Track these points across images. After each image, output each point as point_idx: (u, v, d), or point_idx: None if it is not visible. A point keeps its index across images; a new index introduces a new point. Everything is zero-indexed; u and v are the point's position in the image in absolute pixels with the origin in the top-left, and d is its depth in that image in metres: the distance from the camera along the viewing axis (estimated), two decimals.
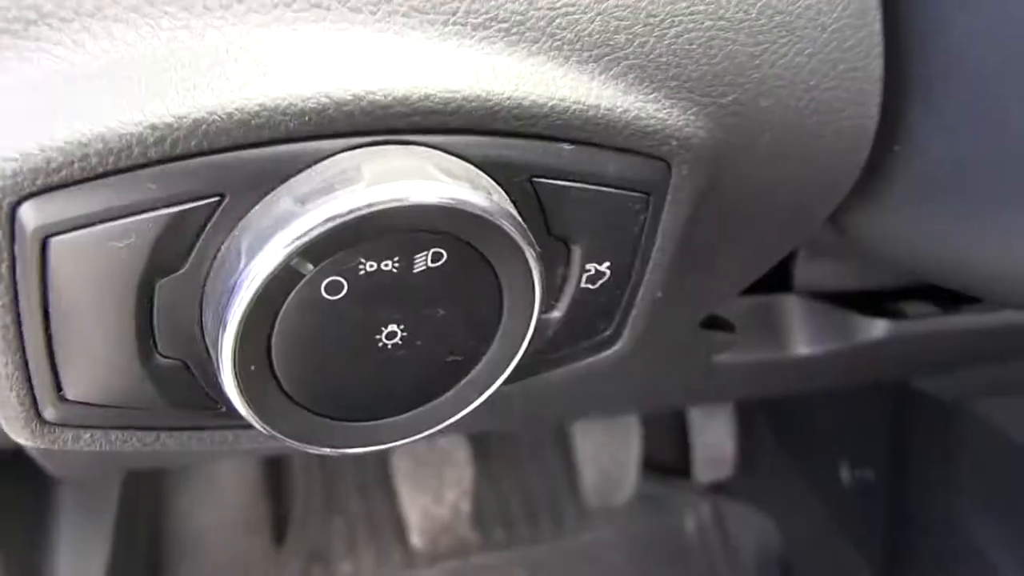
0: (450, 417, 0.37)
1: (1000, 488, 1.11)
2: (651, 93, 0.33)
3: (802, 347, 0.65)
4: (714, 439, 1.30)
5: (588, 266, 0.36)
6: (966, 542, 1.15)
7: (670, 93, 0.35)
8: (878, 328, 0.66)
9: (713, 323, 0.58)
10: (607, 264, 0.36)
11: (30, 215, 0.28)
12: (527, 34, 0.30)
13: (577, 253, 0.35)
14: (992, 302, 0.57)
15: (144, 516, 0.89)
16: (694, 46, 0.34)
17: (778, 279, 0.63)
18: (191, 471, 1.04)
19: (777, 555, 1.36)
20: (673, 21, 0.33)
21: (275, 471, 1.16)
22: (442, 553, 1.17)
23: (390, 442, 0.35)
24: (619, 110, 0.33)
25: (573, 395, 0.62)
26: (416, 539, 1.14)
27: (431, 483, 1.14)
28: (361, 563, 1.15)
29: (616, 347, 0.42)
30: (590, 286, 0.36)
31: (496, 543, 1.20)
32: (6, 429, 0.34)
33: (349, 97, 0.27)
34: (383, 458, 1.17)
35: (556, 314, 0.37)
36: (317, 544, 1.14)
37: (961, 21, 0.37)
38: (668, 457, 1.33)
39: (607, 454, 1.24)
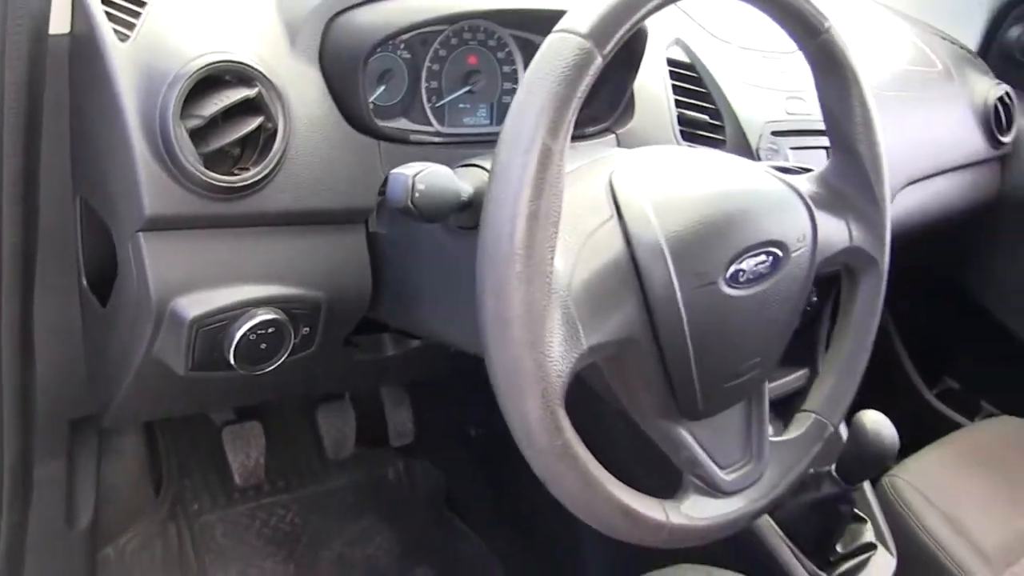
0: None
1: None
2: (316, 290, 0.90)
3: (389, 351, 1.13)
4: (401, 418, 1.79)
5: (303, 329, 0.90)
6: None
7: (325, 291, 0.90)
8: (400, 346, 1.13)
9: (348, 342, 1.06)
10: (309, 327, 0.91)
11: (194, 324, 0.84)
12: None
13: (300, 325, 0.89)
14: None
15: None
16: (305, 274, 0.90)
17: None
18: (113, 448, 1.44)
19: (444, 492, 1.83)
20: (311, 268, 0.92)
21: (152, 449, 1.58)
22: (251, 494, 1.64)
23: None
24: (306, 293, 0.89)
25: (300, 374, 1.03)
26: (237, 479, 1.59)
27: (244, 448, 1.59)
28: (202, 503, 1.59)
29: (311, 351, 0.93)
30: (304, 334, 0.91)
31: (279, 488, 1.69)
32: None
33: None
34: (214, 436, 1.61)
35: (295, 342, 0.89)
36: (178, 492, 1.59)
37: (397, 272, 0.95)
38: (375, 431, 1.78)
39: (336, 428, 1.72)
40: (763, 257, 0.84)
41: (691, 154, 0.93)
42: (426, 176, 0.77)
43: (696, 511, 0.85)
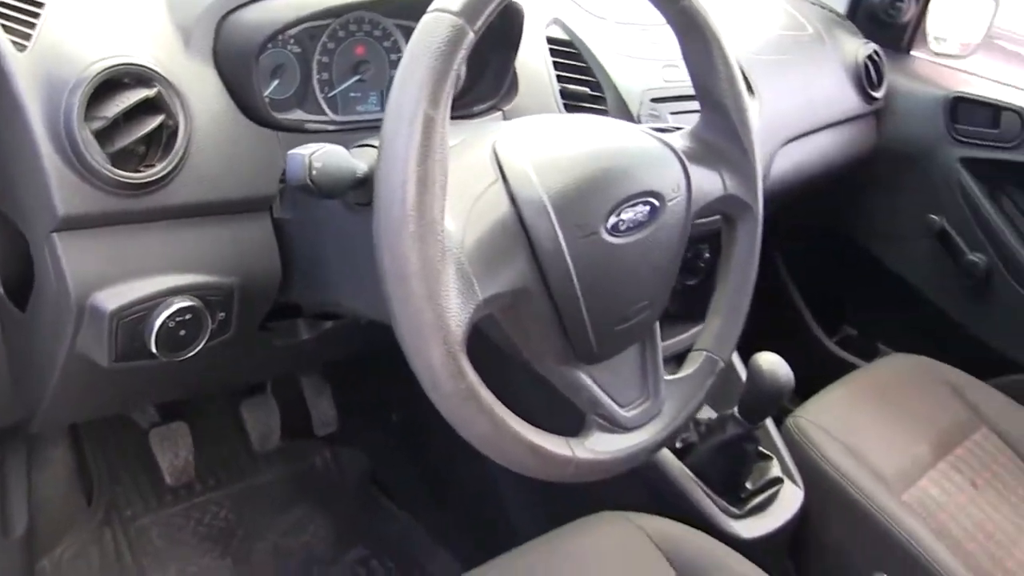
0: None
1: None
2: (228, 276, 0.94)
3: (304, 335, 1.16)
4: (323, 408, 1.84)
5: (219, 314, 0.93)
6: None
7: (237, 276, 0.94)
8: (315, 329, 1.18)
9: (264, 328, 1.10)
10: (225, 312, 0.94)
11: (114, 317, 0.87)
12: None
13: (216, 311, 0.92)
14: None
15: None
16: (217, 261, 0.95)
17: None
18: (42, 458, 1.45)
19: (371, 475, 1.88)
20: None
21: (81, 458, 1.59)
22: (182, 495, 1.67)
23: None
24: (219, 279, 0.92)
25: (220, 361, 1.05)
26: (168, 479, 1.62)
27: (171, 448, 1.62)
28: (135, 507, 1.62)
29: (229, 335, 0.97)
30: (220, 319, 0.93)
31: (210, 486, 1.72)
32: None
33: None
34: (142, 440, 1.63)
35: (213, 327, 0.92)
36: (110, 498, 1.61)
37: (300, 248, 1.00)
38: (299, 423, 1.83)
39: (261, 422, 1.76)
40: (641, 207, 0.91)
41: (570, 119, 1.00)
42: (322, 155, 0.82)
43: (600, 446, 0.92)
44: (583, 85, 1.32)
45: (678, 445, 1.43)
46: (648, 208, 0.91)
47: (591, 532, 1.17)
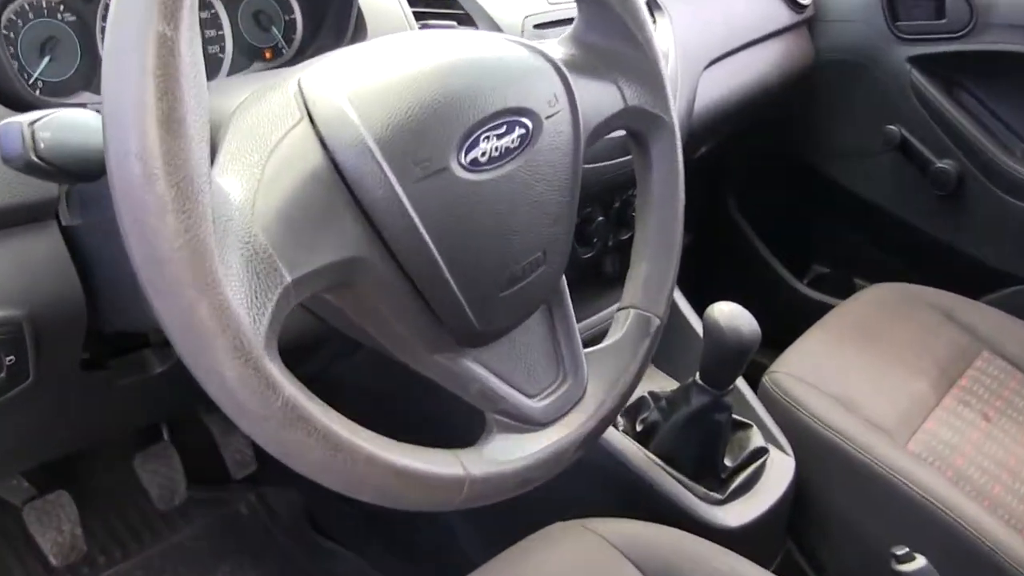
0: None
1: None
2: (11, 309, 0.76)
3: (156, 368, 0.97)
4: (236, 447, 1.66)
5: (6, 359, 0.76)
6: None
7: (23, 307, 0.77)
8: (168, 359, 0.99)
9: (97, 366, 0.92)
10: (15, 355, 0.77)
11: None
12: None
13: (1, 357, 0.76)
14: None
15: None
16: None
17: None
18: None
19: (306, 513, 1.71)
20: None
21: None
22: (84, 573, 1.49)
23: None
24: None
25: (38, 419, 0.91)
26: (54, 561, 1.44)
27: (53, 524, 1.44)
28: None
29: (29, 383, 0.80)
30: (9, 364, 0.76)
31: (116, 558, 1.53)
32: None
33: None
34: (15, 523, 1.45)
35: (1, 376, 0.76)
36: None
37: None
38: (212, 468, 1.66)
39: (162, 475, 1.58)
40: (505, 129, 0.70)
41: (403, 37, 0.78)
42: (52, 121, 0.63)
43: (504, 454, 0.72)
44: (447, 19, 1.13)
45: (638, 428, 1.28)
46: (517, 130, 0.71)
47: (544, 548, 1.02)
